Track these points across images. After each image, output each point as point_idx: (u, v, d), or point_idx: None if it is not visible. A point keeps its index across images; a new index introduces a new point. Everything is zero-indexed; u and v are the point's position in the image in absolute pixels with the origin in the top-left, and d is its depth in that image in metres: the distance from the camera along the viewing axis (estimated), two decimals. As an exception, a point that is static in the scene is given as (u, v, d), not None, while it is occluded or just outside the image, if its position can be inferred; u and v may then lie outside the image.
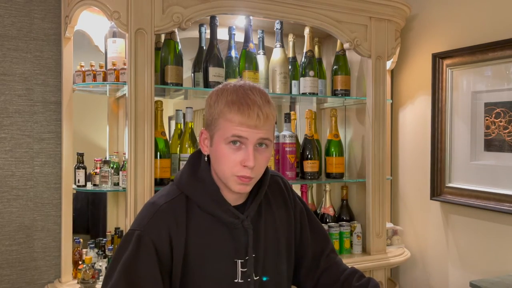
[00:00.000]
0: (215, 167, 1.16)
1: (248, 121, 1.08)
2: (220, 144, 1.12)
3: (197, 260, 1.14)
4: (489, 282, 1.78)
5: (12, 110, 2.03)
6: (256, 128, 1.09)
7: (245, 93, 1.11)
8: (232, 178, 1.12)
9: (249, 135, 1.09)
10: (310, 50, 2.32)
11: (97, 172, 2.00)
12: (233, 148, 1.11)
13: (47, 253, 2.09)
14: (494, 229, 2.12)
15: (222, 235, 1.17)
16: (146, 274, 1.08)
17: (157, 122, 1.95)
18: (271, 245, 1.24)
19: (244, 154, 1.10)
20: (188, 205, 1.17)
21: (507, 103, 2.05)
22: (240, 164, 1.10)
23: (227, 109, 1.10)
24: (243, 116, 1.08)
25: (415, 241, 2.55)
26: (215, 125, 1.12)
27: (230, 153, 1.11)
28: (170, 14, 1.86)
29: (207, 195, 1.17)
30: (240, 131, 1.09)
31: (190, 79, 2.17)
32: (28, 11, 2.06)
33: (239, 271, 1.17)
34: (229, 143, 1.10)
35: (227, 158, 1.11)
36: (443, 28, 2.37)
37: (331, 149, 2.41)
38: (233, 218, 1.17)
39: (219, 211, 1.16)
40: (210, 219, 1.17)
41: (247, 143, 1.10)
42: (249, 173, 1.11)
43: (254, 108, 1.09)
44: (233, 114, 1.09)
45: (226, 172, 1.12)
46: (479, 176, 2.18)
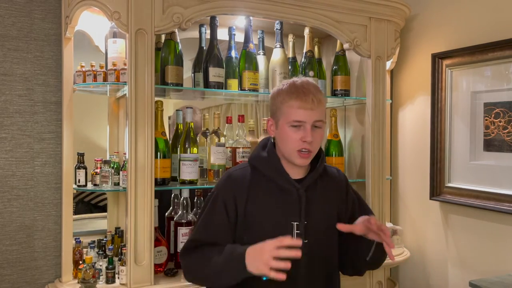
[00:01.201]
0: (280, 146, 1.45)
1: (305, 105, 1.38)
2: (284, 127, 1.42)
3: (256, 216, 1.42)
4: (488, 282, 1.78)
5: (13, 110, 2.04)
6: (311, 110, 1.39)
7: (301, 85, 1.42)
8: (294, 154, 1.41)
9: (306, 118, 1.39)
10: (310, 50, 2.32)
11: (98, 172, 2.00)
12: (294, 129, 1.40)
13: (48, 253, 2.10)
14: (493, 229, 2.12)
15: (281, 200, 1.43)
16: (219, 223, 1.42)
17: (157, 122, 1.95)
18: (322, 218, 1.47)
19: (303, 132, 1.39)
20: (254, 173, 1.47)
21: (507, 103, 2.05)
22: (300, 140, 1.39)
23: (288, 97, 1.40)
24: (301, 101, 1.38)
25: (415, 241, 2.55)
26: (279, 112, 1.43)
27: (292, 133, 1.40)
28: (170, 14, 1.86)
29: (270, 165, 1.46)
30: (299, 115, 1.39)
31: (190, 79, 2.17)
32: (28, 11, 2.06)
33: (294, 232, 1.42)
34: (291, 126, 1.40)
35: (290, 137, 1.40)
36: (443, 28, 2.38)
37: (331, 149, 2.41)
38: (291, 186, 1.44)
39: (280, 178, 1.44)
40: (270, 185, 1.45)
41: (305, 124, 1.39)
42: (308, 146, 1.40)
43: (309, 94, 1.39)
44: (293, 101, 1.39)
45: (290, 148, 1.41)
46: (478, 176, 2.18)
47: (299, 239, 1.32)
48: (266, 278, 1.30)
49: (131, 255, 1.81)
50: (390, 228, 2.49)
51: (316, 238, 1.45)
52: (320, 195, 1.49)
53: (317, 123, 1.41)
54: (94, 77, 1.96)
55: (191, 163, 2.05)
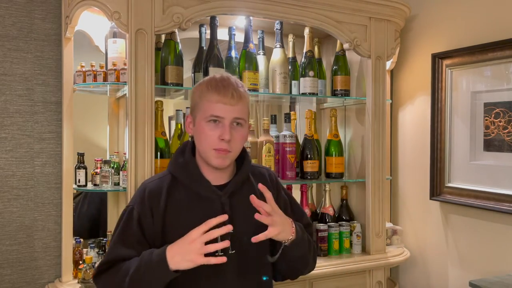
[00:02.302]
0: (197, 145, 1.35)
1: (224, 99, 1.28)
2: (201, 123, 1.31)
3: (176, 230, 1.28)
4: (488, 282, 1.78)
5: (13, 110, 2.04)
6: (231, 105, 1.28)
7: (221, 78, 1.32)
8: (211, 153, 1.30)
9: (225, 113, 1.28)
10: (310, 50, 2.32)
11: (98, 172, 2.00)
12: (212, 125, 1.29)
13: (48, 253, 2.10)
14: (493, 229, 2.12)
15: (202, 210, 1.31)
16: (134, 236, 1.30)
17: (157, 122, 1.95)
18: (251, 225, 1.31)
19: (221, 129, 1.28)
20: (172, 183, 1.35)
21: (507, 103, 2.05)
22: (218, 139, 1.28)
23: (206, 91, 1.30)
24: (220, 94, 1.28)
25: (415, 241, 2.55)
26: (197, 108, 1.32)
27: (209, 129, 1.29)
28: (170, 14, 1.86)
29: (189, 173, 1.34)
30: (217, 109, 1.28)
31: (190, 79, 2.17)
32: (28, 11, 2.06)
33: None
34: (209, 122, 1.29)
35: (207, 134, 1.29)
36: (443, 28, 2.38)
37: (331, 149, 2.41)
38: (211, 193, 1.33)
39: (199, 187, 1.33)
40: (191, 196, 1.33)
41: (224, 121, 1.29)
42: (226, 146, 1.29)
43: (229, 88, 1.29)
44: (211, 94, 1.29)
45: (206, 147, 1.30)
46: (478, 176, 2.18)
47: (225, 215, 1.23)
48: (266, 278, 1.30)
49: (131, 255, 1.81)
50: (390, 228, 2.49)
51: (245, 247, 1.32)
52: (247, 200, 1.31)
53: (238, 120, 1.30)
54: (94, 77, 1.96)
55: (191, 163, 2.04)
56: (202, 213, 1.29)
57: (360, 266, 2.23)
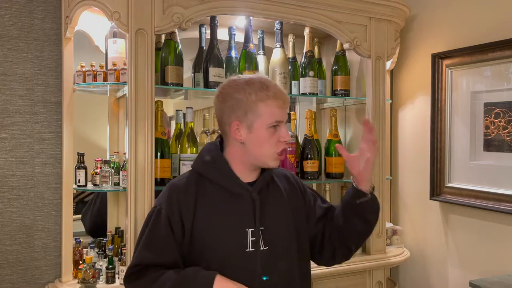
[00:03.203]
0: (253, 150, 1.32)
1: (284, 104, 1.31)
2: (262, 129, 1.29)
3: (206, 228, 1.29)
4: (488, 282, 1.78)
5: (13, 110, 2.04)
6: (285, 109, 1.33)
7: (271, 82, 1.33)
8: (273, 156, 1.32)
9: (284, 117, 1.32)
10: (310, 50, 2.32)
11: (98, 172, 2.00)
12: (273, 130, 1.30)
13: (48, 253, 2.10)
14: (493, 229, 2.12)
15: (232, 206, 1.32)
16: (164, 242, 1.28)
17: (157, 122, 1.95)
18: (279, 221, 1.37)
19: (282, 132, 1.31)
20: (199, 181, 1.34)
21: (507, 103, 2.05)
22: (279, 141, 1.31)
23: (265, 97, 1.28)
24: (280, 99, 1.30)
25: (415, 241, 2.55)
26: (253, 113, 1.29)
27: (271, 135, 1.30)
28: (170, 14, 1.86)
29: (218, 170, 1.34)
30: (280, 115, 1.30)
31: (190, 79, 2.17)
32: (28, 11, 2.06)
33: (249, 240, 1.30)
34: (271, 128, 1.29)
35: (269, 140, 1.30)
36: (443, 28, 2.38)
37: (331, 149, 2.41)
38: (243, 189, 1.33)
39: (230, 183, 1.33)
40: (220, 192, 1.33)
41: (281, 124, 1.32)
42: (286, 145, 1.34)
43: (284, 93, 1.33)
44: (271, 99, 1.28)
45: (270, 152, 1.31)
46: (478, 176, 2.18)
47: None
48: (266, 278, 1.30)
49: (131, 255, 1.80)
50: (390, 228, 2.49)
51: (275, 244, 1.34)
52: (274, 197, 1.39)
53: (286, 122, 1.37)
54: (94, 77, 1.96)
55: (191, 163, 2.03)
56: (233, 209, 1.32)
57: (360, 266, 2.23)
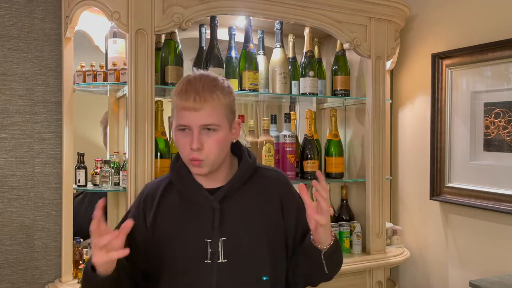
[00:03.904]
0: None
1: (186, 104, 1.17)
2: (174, 131, 1.24)
3: (168, 234, 1.26)
4: (488, 282, 1.78)
5: (13, 110, 2.04)
6: (195, 111, 1.17)
7: (188, 81, 1.21)
8: (189, 162, 1.23)
9: (190, 121, 1.18)
10: (310, 50, 2.32)
11: (98, 172, 2.00)
12: (182, 134, 1.21)
13: (48, 253, 2.10)
14: (493, 229, 2.12)
15: (193, 214, 1.27)
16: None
17: (157, 122, 1.95)
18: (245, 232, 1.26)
19: (191, 138, 1.19)
20: (168, 186, 1.31)
21: (507, 103, 2.05)
22: (190, 148, 1.19)
23: (174, 97, 1.22)
24: (182, 99, 1.18)
25: (415, 241, 2.55)
26: (172, 115, 1.25)
27: (180, 138, 1.22)
28: (170, 14, 1.86)
29: (181, 177, 1.30)
30: (182, 118, 1.19)
31: (190, 79, 2.17)
32: (28, 11, 2.06)
33: (208, 251, 1.23)
34: (179, 130, 1.22)
35: (179, 143, 1.23)
36: (443, 28, 2.38)
37: (331, 149, 2.41)
38: (202, 198, 1.26)
39: (190, 191, 1.28)
40: (183, 199, 1.29)
41: (192, 128, 1.19)
42: (197, 155, 1.19)
43: (191, 93, 1.17)
44: (175, 99, 1.20)
45: (184, 157, 1.24)
46: (478, 176, 2.18)
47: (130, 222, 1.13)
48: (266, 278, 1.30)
49: (131, 255, 1.81)
50: (390, 228, 2.49)
51: (238, 255, 1.24)
52: (243, 205, 1.27)
53: (207, 126, 1.18)
54: (94, 77, 1.96)
55: (191, 163, 2.05)
56: (193, 217, 1.26)
57: (360, 266, 2.23)
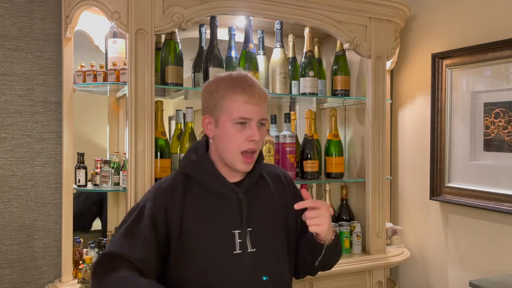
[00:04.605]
0: (221, 147, 1.28)
1: (252, 99, 1.23)
2: (227, 125, 1.25)
3: (194, 230, 1.26)
4: (488, 282, 1.78)
5: (13, 110, 2.04)
6: (258, 105, 1.24)
7: (244, 77, 1.27)
8: (238, 157, 1.26)
9: (253, 114, 1.24)
10: (310, 50, 2.32)
11: (98, 172, 2.00)
12: (239, 127, 1.24)
13: (48, 253, 2.10)
14: (493, 229, 2.12)
15: (219, 207, 1.28)
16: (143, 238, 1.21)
17: (157, 122, 1.95)
18: (268, 222, 1.33)
19: (249, 130, 1.24)
20: (187, 182, 1.30)
21: (507, 103, 2.05)
22: (246, 140, 1.24)
23: (231, 91, 1.23)
24: (247, 94, 1.23)
25: (415, 241, 2.56)
26: (220, 108, 1.25)
27: (237, 131, 1.24)
28: (170, 14, 1.86)
29: (204, 170, 1.30)
30: (246, 111, 1.23)
31: (190, 79, 2.17)
32: (28, 11, 2.06)
33: (237, 242, 1.27)
34: (236, 124, 1.24)
35: (234, 136, 1.24)
36: (443, 28, 2.38)
37: (331, 149, 2.41)
38: (229, 190, 1.29)
39: (216, 184, 1.29)
40: (207, 193, 1.29)
41: (251, 122, 1.24)
42: (254, 145, 1.26)
43: (256, 88, 1.25)
44: (237, 95, 1.23)
45: (234, 150, 1.25)
46: (478, 176, 2.18)
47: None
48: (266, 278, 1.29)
49: (131, 255, 1.81)
50: (390, 228, 2.49)
51: (263, 246, 1.30)
52: (263, 197, 1.34)
53: (262, 121, 1.27)
54: (94, 77, 1.96)
55: (191, 163, 2.05)
56: (220, 210, 1.28)
57: (360, 266, 2.23)
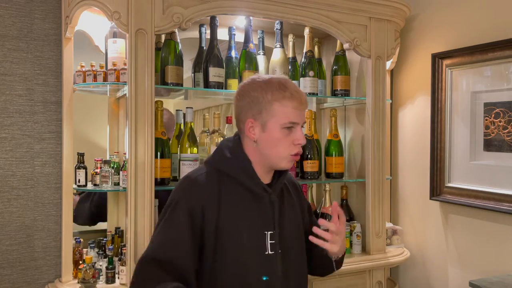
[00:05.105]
0: (267, 151, 1.31)
1: (300, 105, 1.29)
2: (275, 129, 1.28)
3: (230, 229, 1.27)
4: (488, 282, 1.78)
5: (13, 110, 2.04)
6: (303, 110, 1.31)
7: (290, 82, 1.31)
8: (287, 158, 1.30)
9: (300, 119, 1.30)
10: (310, 50, 2.32)
11: (98, 172, 2.00)
12: (287, 132, 1.28)
13: (48, 253, 2.10)
14: (493, 229, 2.12)
15: (252, 207, 1.31)
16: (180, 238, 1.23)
17: (157, 122, 1.95)
18: (292, 224, 1.39)
19: (296, 134, 1.29)
20: (220, 178, 1.31)
21: (507, 103, 2.05)
22: (293, 144, 1.29)
23: (280, 96, 1.27)
24: (296, 100, 1.28)
25: (415, 240, 2.56)
26: (268, 113, 1.28)
27: (285, 136, 1.28)
28: (170, 14, 1.86)
29: (239, 168, 1.32)
30: (295, 116, 1.28)
31: (190, 79, 2.17)
32: (28, 11, 2.06)
33: (268, 243, 1.30)
34: (284, 128, 1.28)
35: (282, 141, 1.28)
36: (443, 28, 2.38)
37: (331, 149, 2.41)
38: (263, 191, 1.32)
39: (252, 183, 1.31)
40: (241, 192, 1.31)
41: (297, 126, 1.30)
42: (301, 150, 1.32)
43: (302, 95, 1.31)
44: (287, 99, 1.27)
45: (283, 153, 1.30)
46: (478, 176, 2.18)
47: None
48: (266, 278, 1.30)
49: (131, 255, 1.81)
50: (390, 228, 2.49)
51: (289, 247, 1.35)
52: (287, 201, 1.41)
53: (304, 124, 1.35)
54: (94, 77, 1.96)
55: (191, 163, 2.05)
56: (254, 210, 1.31)
57: (360, 266, 2.23)
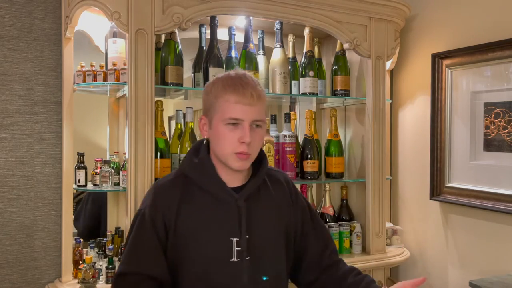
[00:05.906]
0: (215, 148, 1.27)
1: (243, 99, 1.20)
2: (218, 125, 1.23)
3: (191, 234, 1.24)
4: (488, 282, 1.78)
5: (13, 110, 2.04)
6: (250, 106, 1.21)
7: (238, 77, 1.24)
8: (232, 157, 1.23)
9: (244, 115, 1.20)
10: (310, 50, 2.32)
11: (98, 172, 2.00)
12: (231, 128, 1.21)
13: (48, 253, 2.10)
14: (493, 229, 2.12)
15: (218, 213, 1.26)
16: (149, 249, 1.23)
17: (157, 122, 1.95)
18: (267, 228, 1.31)
19: (241, 131, 1.21)
20: (186, 184, 1.28)
21: (507, 103, 2.05)
22: (238, 141, 1.21)
23: (223, 91, 1.22)
24: (238, 94, 1.20)
25: (415, 240, 2.56)
26: (213, 109, 1.24)
27: (228, 132, 1.22)
28: (170, 14, 1.86)
29: (204, 174, 1.28)
30: (236, 111, 1.20)
31: (190, 79, 2.17)
32: (28, 11, 2.06)
33: (234, 250, 1.24)
34: (227, 124, 1.21)
35: (226, 137, 1.22)
36: (443, 28, 2.38)
37: (331, 149, 2.41)
38: (228, 196, 1.26)
39: (215, 188, 1.27)
40: (206, 198, 1.27)
41: (243, 123, 1.21)
42: (246, 148, 1.21)
43: (248, 88, 1.21)
44: (229, 94, 1.21)
45: (226, 151, 1.23)
46: (478, 176, 2.18)
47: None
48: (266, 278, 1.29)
49: (131, 255, 1.81)
50: (390, 228, 2.49)
51: (261, 255, 1.28)
52: (264, 205, 1.32)
53: (257, 122, 1.23)
54: (94, 77, 1.96)
55: (191, 163, 2.05)
56: (218, 216, 1.25)
57: (360, 266, 2.22)
